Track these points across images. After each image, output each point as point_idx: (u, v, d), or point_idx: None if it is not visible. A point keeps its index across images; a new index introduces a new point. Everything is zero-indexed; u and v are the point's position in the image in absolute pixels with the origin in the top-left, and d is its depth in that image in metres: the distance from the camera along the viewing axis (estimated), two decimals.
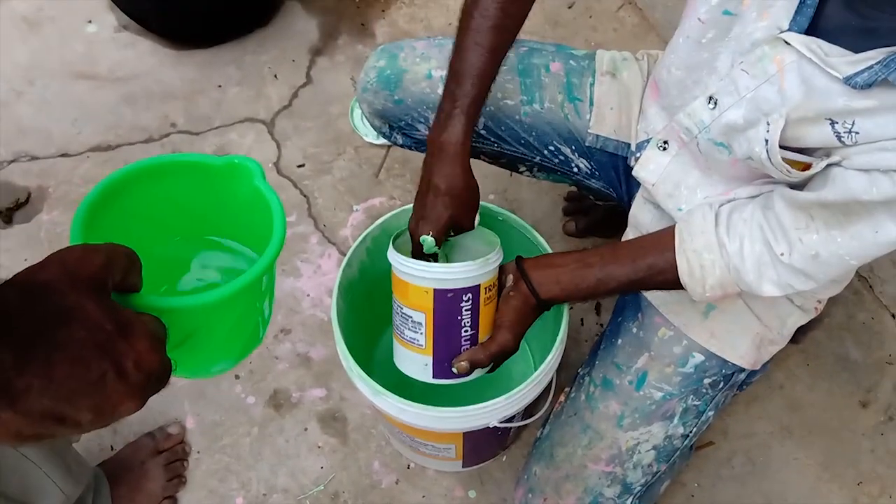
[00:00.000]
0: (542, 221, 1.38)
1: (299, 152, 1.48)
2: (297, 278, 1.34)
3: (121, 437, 1.20)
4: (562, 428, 0.95)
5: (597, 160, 0.99)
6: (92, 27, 1.65)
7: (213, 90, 1.56)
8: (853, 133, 0.65)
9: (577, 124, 0.97)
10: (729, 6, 0.74)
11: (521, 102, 0.97)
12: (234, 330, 0.58)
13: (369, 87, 0.99)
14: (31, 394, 0.35)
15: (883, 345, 1.29)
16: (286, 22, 1.65)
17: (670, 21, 1.54)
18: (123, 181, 0.56)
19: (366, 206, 1.42)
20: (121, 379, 0.39)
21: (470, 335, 0.83)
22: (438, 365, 0.84)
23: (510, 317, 0.83)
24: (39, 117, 1.53)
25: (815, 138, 0.68)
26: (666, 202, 0.88)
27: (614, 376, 0.93)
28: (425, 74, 0.97)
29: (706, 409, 0.93)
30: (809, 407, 1.24)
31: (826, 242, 0.70)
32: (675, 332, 0.91)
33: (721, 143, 0.78)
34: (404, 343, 0.86)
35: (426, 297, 0.81)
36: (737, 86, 0.74)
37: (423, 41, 1.00)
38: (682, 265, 0.79)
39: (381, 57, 1.00)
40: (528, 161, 1.02)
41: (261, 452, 1.20)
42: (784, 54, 0.68)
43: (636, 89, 0.97)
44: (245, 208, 0.60)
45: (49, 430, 0.37)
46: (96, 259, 0.41)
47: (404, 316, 0.84)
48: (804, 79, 0.67)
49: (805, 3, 0.67)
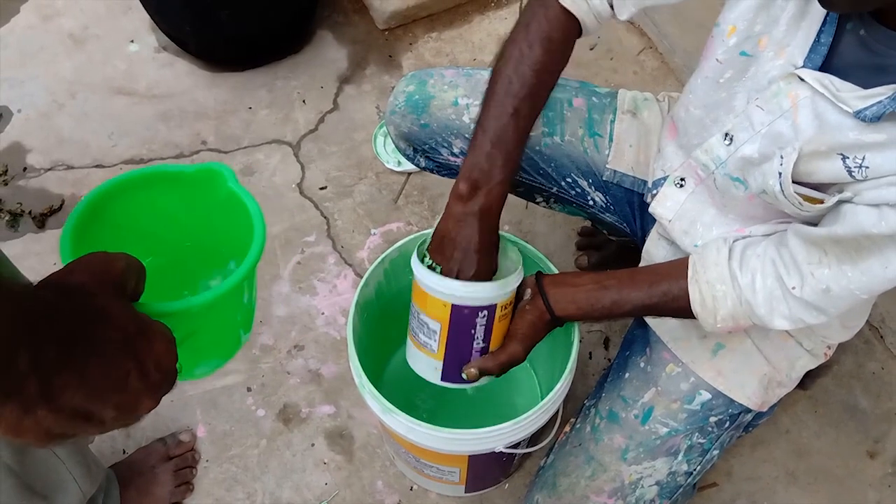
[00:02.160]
0: (555, 254, 1.40)
1: (322, 175, 1.53)
2: (314, 296, 1.37)
3: (133, 441, 1.22)
4: (566, 458, 0.96)
5: (613, 195, 1.02)
6: (134, 46, 1.73)
7: (244, 111, 1.62)
8: (864, 167, 0.67)
9: (596, 159, 1.00)
10: (746, 47, 0.77)
11: (543, 134, 1.00)
12: (222, 330, 0.60)
13: (397, 111, 1.02)
14: (67, 391, 0.37)
15: (892, 396, 1.29)
16: (317, 50, 1.71)
17: (689, 66, 1.58)
18: (105, 196, 0.58)
19: (383, 230, 1.46)
20: (142, 378, 0.41)
21: (481, 347, 0.85)
22: (448, 370, 0.87)
23: (523, 330, 0.85)
24: (78, 129, 1.60)
25: (827, 173, 0.70)
26: (682, 239, 0.90)
27: (620, 409, 0.94)
28: (452, 101, 1.00)
29: (711, 448, 0.94)
30: (816, 454, 1.24)
31: (837, 277, 0.72)
32: (682, 369, 0.92)
33: (737, 178, 0.80)
34: (418, 345, 0.88)
35: (443, 310, 0.82)
36: (752, 121, 0.76)
37: (451, 69, 1.04)
38: (695, 295, 0.80)
39: (411, 82, 1.03)
40: (545, 191, 1.05)
41: (268, 465, 1.21)
42: (798, 90, 0.71)
43: (655, 129, 1.00)
44: (223, 212, 0.62)
45: (75, 429, 0.39)
46: (118, 265, 0.43)
47: (421, 321, 0.86)
48: (817, 114, 0.70)
49: (819, 41, 0.70)
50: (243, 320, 0.64)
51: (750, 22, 0.76)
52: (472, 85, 1.01)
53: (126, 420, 0.42)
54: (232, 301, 0.58)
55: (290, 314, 1.35)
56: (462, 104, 0.99)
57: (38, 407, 0.36)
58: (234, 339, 0.64)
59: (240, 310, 0.62)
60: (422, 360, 0.88)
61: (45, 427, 0.37)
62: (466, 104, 0.99)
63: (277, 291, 1.38)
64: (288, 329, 1.34)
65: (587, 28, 0.85)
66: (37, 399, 0.36)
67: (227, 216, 0.62)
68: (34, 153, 1.56)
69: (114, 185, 0.59)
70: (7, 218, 1.46)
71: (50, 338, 0.36)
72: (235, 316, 0.61)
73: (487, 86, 0.84)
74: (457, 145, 1.01)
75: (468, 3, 1.79)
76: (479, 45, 1.73)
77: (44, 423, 0.37)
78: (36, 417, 0.36)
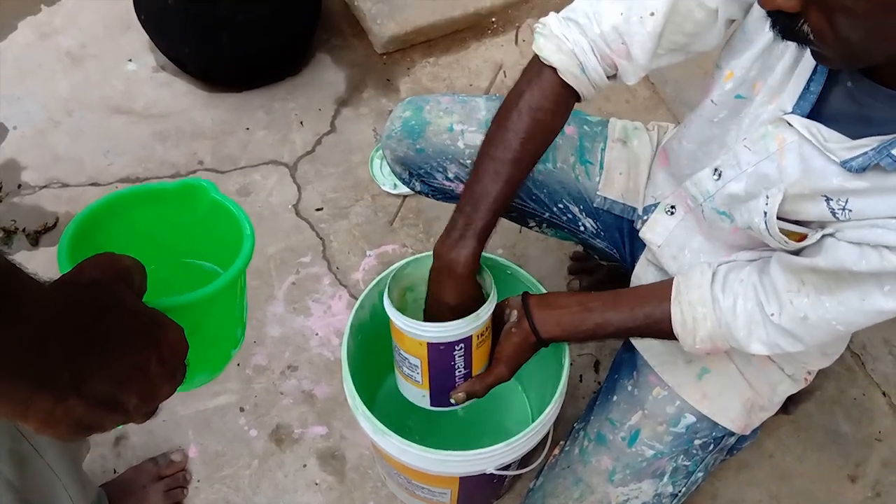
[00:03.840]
0: (547, 278, 1.43)
1: (318, 196, 1.55)
2: (308, 317, 1.38)
3: (124, 461, 1.22)
4: (554, 480, 0.97)
5: (603, 221, 1.05)
6: (132, 66, 1.75)
7: (242, 132, 1.64)
8: (847, 210, 0.70)
9: (587, 185, 1.03)
10: (741, 91, 0.81)
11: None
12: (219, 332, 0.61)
13: (394, 135, 1.04)
14: (93, 378, 0.39)
15: (873, 421, 1.32)
16: (315, 73, 1.74)
17: (679, 96, 1.62)
18: (92, 219, 0.58)
19: (379, 251, 1.47)
20: (161, 364, 0.43)
21: (464, 374, 0.89)
22: (435, 397, 0.91)
23: (509, 352, 0.88)
24: (74, 147, 1.61)
25: (811, 213, 0.73)
26: (670, 264, 0.93)
27: (608, 432, 0.96)
28: (447, 127, 1.02)
29: (696, 470, 0.96)
30: (798, 477, 1.26)
31: (815, 306, 0.74)
32: (668, 392, 0.94)
33: (724, 212, 0.83)
34: (403, 376, 0.92)
35: (420, 348, 0.86)
36: (739, 160, 0.79)
37: (447, 96, 1.06)
38: (676, 315, 0.82)
39: (408, 108, 1.06)
40: (537, 216, 1.07)
41: (259, 485, 1.22)
42: (786, 134, 0.74)
43: (645, 157, 1.03)
44: (210, 223, 0.63)
45: (102, 419, 0.41)
46: (125, 262, 0.46)
47: (402, 356, 0.89)
48: (803, 158, 0.73)
49: (809, 89, 0.73)
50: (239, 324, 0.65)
51: (748, 69, 0.79)
52: (467, 111, 1.03)
53: (147, 407, 0.44)
54: (231, 296, 0.59)
55: (285, 334, 1.36)
56: (457, 130, 1.02)
57: (70, 396, 0.38)
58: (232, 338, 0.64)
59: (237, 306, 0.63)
60: (409, 389, 0.93)
61: (75, 416, 0.39)
62: (461, 130, 1.02)
63: (272, 312, 1.39)
64: (282, 349, 1.35)
65: (584, 96, 0.86)
66: (69, 388, 0.38)
67: (214, 227, 0.63)
68: (29, 170, 1.57)
69: (99, 208, 0.60)
70: (0, 235, 1.46)
71: (76, 328, 0.38)
72: (234, 311, 0.62)
73: (480, 148, 0.86)
74: (451, 170, 1.03)
75: (465, 29, 1.82)
76: (475, 71, 1.77)
77: (74, 413, 0.38)
78: (67, 406, 0.38)
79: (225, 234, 0.61)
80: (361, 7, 1.76)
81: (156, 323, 0.45)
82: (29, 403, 0.37)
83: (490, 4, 1.82)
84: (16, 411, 0.37)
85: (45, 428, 0.38)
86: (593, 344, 1.38)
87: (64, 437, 0.40)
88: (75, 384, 0.38)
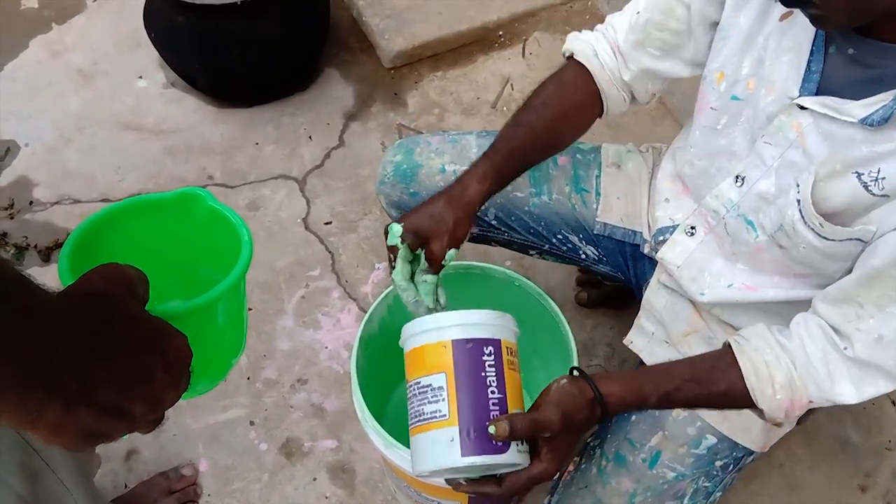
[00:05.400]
0: (556, 290, 1.43)
1: (327, 210, 1.56)
2: (317, 331, 1.39)
3: (135, 475, 1.23)
4: (572, 499, 0.95)
5: (604, 247, 1.04)
6: (142, 82, 1.77)
7: (251, 147, 1.65)
8: (880, 179, 0.68)
9: (585, 214, 1.03)
10: (736, 91, 0.81)
11: (531, 195, 1.03)
12: (220, 338, 0.60)
13: (387, 181, 1.04)
14: (101, 386, 0.39)
15: (882, 430, 1.31)
16: (324, 88, 1.75)
17: (686, 107, 1.62)
18: (93, 230, 0.59)
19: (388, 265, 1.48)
20: (166, 371, 0.44)
21: (498, 399, 0.72)
22: (466, 434, 0.71)
23: (559, 398, 0.72)
24: (85, 163, 1.63)
25: (843, 194, 0.71)
26: (689, 286, 0.91)
27: (627, 452, 0.93)
28: (439, 169, 1.02)
29: (715, 491, 0.94)
30: (809, 487, 1.26)
31: (885, 321, 0.69)
32: (689, 413, 0.92)
33: (750, 220, 0.82)
34: (424, 426, 0.74)
35: (444, 354, 0.73)
36: (763, 158, 0.79)
37: (437, 136, 1.06)
38: (746, 364, 0.74)
39: (398, 152, 1.05)
40: (537, 248, 1.07)
41: (269, 499, 1.22)
42: (800, 119, 0.74)
43: (642, 179, 1.03)
44: (208, 232, 0.64)
45: (109, 427, 0.41)
46: (129, 271, 0.46)
47: (422, 391, 0.75)
48: (826, 135, 0.72)
49: (810, 69, 0.73)
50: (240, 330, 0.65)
51: (736, 66, 0.80)
52: (458, 151, 1.03)
53: (153, 414, 0.44)
54: (231, 302, 0.60)
55: (294, 348, 1.37)
56: (449, 170, 1.02)
57: (79, 405, 0.38)
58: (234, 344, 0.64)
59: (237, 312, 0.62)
60: (432, 443, 0.73)
61: (83, 425, 0.39)
62: (454, 170, 1.01)
63: (281, 325, 1.39)
64: (291, 363, 1.35)
65: (598, 81, 0.93)
66: (78, 396, 0.38)
67: (212, 235, 0.63)
68: (41, 187, 1.59)
69: (98, 220, 0.60)
70: (13, 251, 1.48)
71: (84, 338, 0.39)
72: (234, 317, 0.62)
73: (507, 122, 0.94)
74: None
75: (473, 43, 1.84)
76: (482, 85, 1.78)
77: (83, 421, 0.39)
78: (76, 415, 0.38)
79: (223, 242, 0.61)
80: (369, 22, 1.78)
81: (160, 331, 0.45)
82: (39, 412, 0.37)
83: (497, 18, 1.83)
84: (26, 420, 0.37)
85: (55, 437, 0.39)
86: (603, 356, 1.38)
87: (72, 446, 0.40)
88: (84, 393, 0.39)
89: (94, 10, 1.92)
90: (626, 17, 0.92)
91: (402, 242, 0.86)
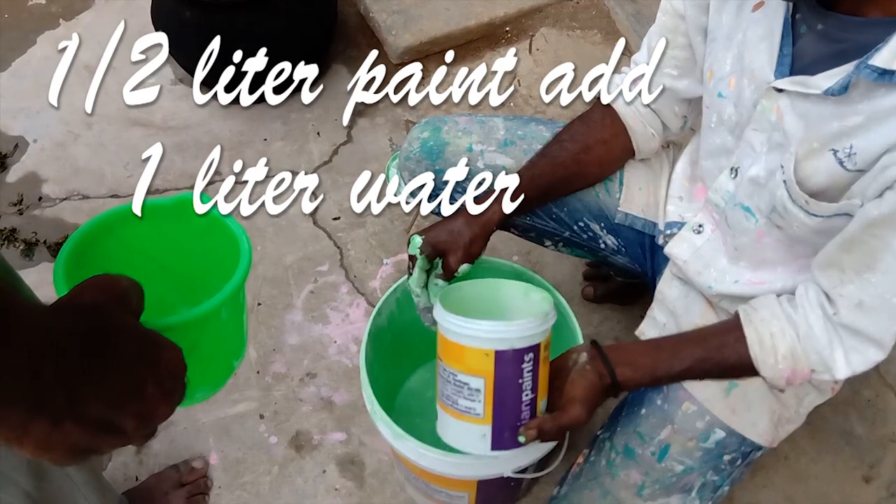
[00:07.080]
0: (563, 284, 1.44)
1: (336, 206, 1.56)
2: (326, 325, 1.40)
3: (146, 468, 1.24)
4: (580, 491, 0.96)
5: (625, 237, 1.05)
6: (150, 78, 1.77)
7: (259, 143, 1.66)
8: (852, 155, 0.70)
9: (608, 202, 1.04)
10: (720, 88, 0.84)
11: None
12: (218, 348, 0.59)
13: (412, 156, 1.05)
14: (89, 402, 0.39)
15: (886, 422, 1.32)
16: (332, 84, 1.76)
17: None
18: (89, 236, 0.58)
19: (395, 260, 1.49)
20: (157, 385, 0.43)
21: (530, 399, 0.77)
22: (498, 434, 0.77)
23: (583, 392, 0.79)
24: (94, 159, 1.64)
25: (823, 172, 0.73)
26: (696, 279, 0.94)
27: (637, 446, 0.94)
28: (466, 147, 1.03)
29: (723, 485, 0.95)
30: (813, 479, 1.27)
31: (863, 287, 0.72)
32: (698, 408, 0.93)
33: (747, 207, 0.84)
34: (457, 414, 0.78)
35: (486, 361, 0.75)
36: (752, 146, 0.81)
37: (465, 117, 1.07)
38: (751, 335, 0.78)
39: (426, 129, 1.06)
40: (556, 235, 1.08)
41: (279, 492, 1.23)
42: (779, 101, 0.76)
43: (664, 171, 1.04)
44: (206, 239, 0.63)
45: (99, 442, 0.40)
46: (122, 283, 0.46)
47: (458, 384, 0.77)
48: (801, 114, 0.74)
49: (783, 52, 0.75)
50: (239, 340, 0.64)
51: (721, 63, 0.83)
52: (486, 131, 1.04)
53: (145, 429, 0.43)
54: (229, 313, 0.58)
55: (303, 342, 1.38)
56: (476, 150, 1.02)
57: (65, 420, 0.38)
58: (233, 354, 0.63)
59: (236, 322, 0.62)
60: (463, 431, 0.78)
61: (71, 441, 0.38)
62: (481, 150, 1.02)
63: (290, 320, 1.41)
64: (300, 357, 1.37)
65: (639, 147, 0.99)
66: (64, 412, 0.37)
67: (211, 243, 0.62)
68: (49, 183, 1.60)
69: (94, 226, 0.59)
70: (22, 247, 1.49)
71: (72, 352, 0.38)
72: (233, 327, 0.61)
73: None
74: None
75: (479, 39, 1.84)
76: (489, 81, 1.78)
77: (70, 437, 0.38)
78: (63, 431, 0.38)
79: (222, 250, 0.60)
80: (377, 18, 1.79)
81: (153, 344, 0.44)
82: (24, 428, 0.37)
83: (504, 14, 1.84)
84: (11, 437, 0.37)
85: (42, 453, 0.38)
86: None
87: (61, 461, 0.39)
88: (72, 408, 0.38)
89: (101, 6, 1.92)
90: (644, 50, 0.97)
91: (421, 253, 0.92)
